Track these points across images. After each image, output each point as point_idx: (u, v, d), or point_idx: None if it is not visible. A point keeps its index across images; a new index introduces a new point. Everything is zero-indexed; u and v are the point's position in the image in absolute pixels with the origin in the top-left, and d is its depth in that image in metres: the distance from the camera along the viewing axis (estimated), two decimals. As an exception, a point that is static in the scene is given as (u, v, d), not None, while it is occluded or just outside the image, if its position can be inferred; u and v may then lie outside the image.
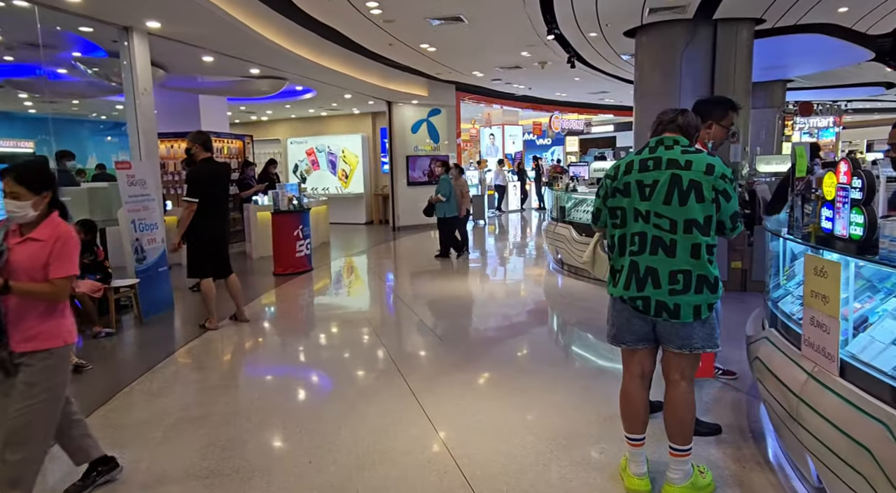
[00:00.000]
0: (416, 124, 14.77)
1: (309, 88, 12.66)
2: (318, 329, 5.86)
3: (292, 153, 17.19)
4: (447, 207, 9.75)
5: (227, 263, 5.76)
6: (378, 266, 9.67)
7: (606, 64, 12.66)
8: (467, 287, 7.82)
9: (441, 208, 9.75)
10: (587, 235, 7.66)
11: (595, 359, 4.74)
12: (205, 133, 5.56)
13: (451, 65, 12.20)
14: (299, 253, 8.83)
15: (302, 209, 9.00)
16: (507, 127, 21.66)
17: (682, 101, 8.97)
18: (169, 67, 9.14)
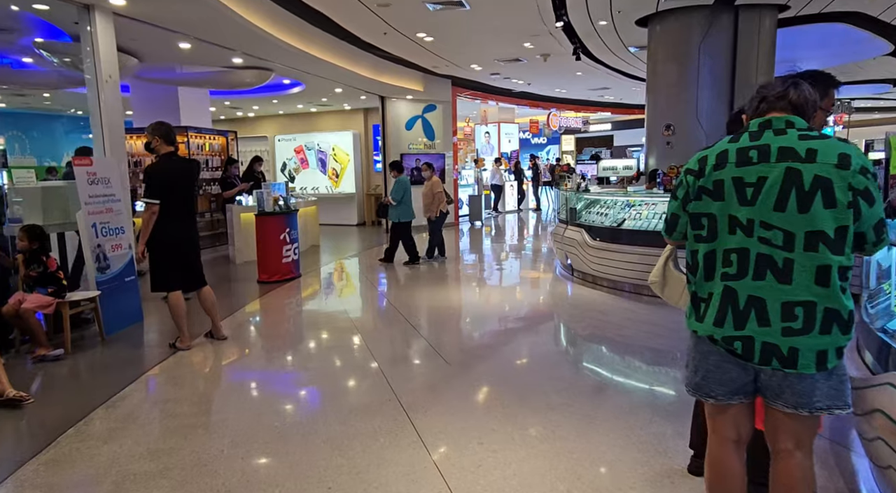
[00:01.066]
0: (411, 121, 14.05)
1: (297, 82, 11.90)
2: (306, 352, 5.14)
3: (280, 151, 16.42)
4: (400, 210, 9.14)
5: (198, 273, 5.02)
6: (371, 272, 8.95)
7: (612, 57, 12.01)
8: (469, 297, 7.12)
9: (394, 212, 9.15)
10: (603, 240, 6.99)
11: (632, 388, 4.06)
12: (165, 124, 4.81)
13: (448, 57, 11.50)
14: (286, 259, 8.09)
15: (289, 211, 8.26)
16: (504, 125, 21.00)
17: (701, 94, 8.34)
18: (142, 56, 8.37)
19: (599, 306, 6.21)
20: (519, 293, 7.25)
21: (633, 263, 6.54)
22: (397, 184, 9.22)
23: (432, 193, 9.38)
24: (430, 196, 9.41)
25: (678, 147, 8.67)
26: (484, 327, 5.64)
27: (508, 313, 6.11)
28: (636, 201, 7.05)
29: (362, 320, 6.02)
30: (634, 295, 6.60)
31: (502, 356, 4.70)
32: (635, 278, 6.58)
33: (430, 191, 9.42)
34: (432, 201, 9.39)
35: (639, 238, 6.55)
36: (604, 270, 6.97)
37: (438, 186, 9.37)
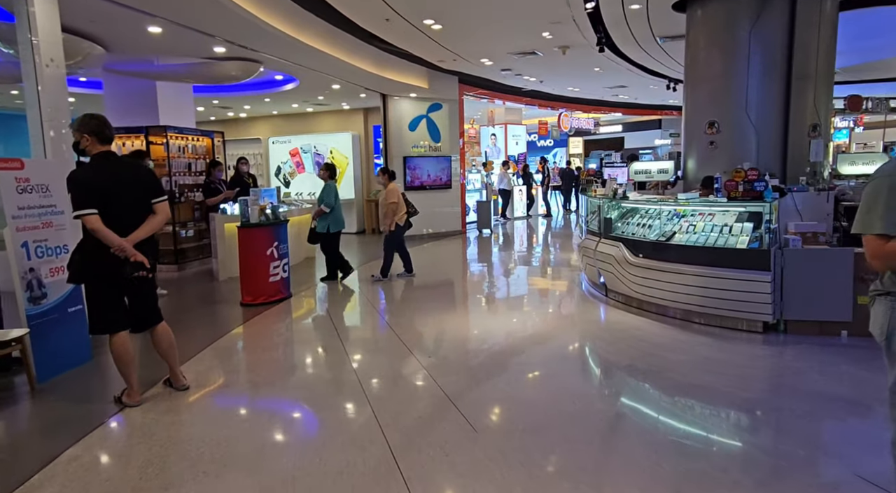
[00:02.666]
0: (415, 121, 12.97)
1: (291, 77, 10.83)
2: (287, 415, 4.02)
3: (274, 154, 15.35)
4: (331, 219, 8.07)
5: (148, 307, 3.91)
6: (372, 291, 7.85)
7: (636, 50, 10.94)
8: (486, 325, 6.01)
9: (323, 221, 8.07)
10: (647, 257, 5.89)
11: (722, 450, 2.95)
12: (97, 117, 3.71)
13: (456, 49, 10.42)
14: (273, 277, 6.99)
15: (277, 221, 7.16)
16: (511, 127, 19.92)
17: (751, 86, 7.23)
18: (108, 43, 7.29)
19: (644, 335, 5.10)
20: (544, 320, 6.14)
21: (686, 285, 5.44)
22: (327, 189, 8.08)
23: (387, 202, 8.17)
24: (385, 206, 8.22)
25: (724, 147, 7.57)
26: (511, 371, 4.52)
27: (536, 350, 5.00)
28: (687, 211, 5.95)
29: (363, 363, 4.91)
30: (683, 323, 5.49)
31: (534, 412, 3.59)
32: (688, 303, 5.48)
33: (385, 200, 8.22)
34: (387, 212, 8.16)
35: (694, 255, 5.45)
36: (648, 292, 5.87)
37: (395, 194, 8.14)
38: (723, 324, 5.30)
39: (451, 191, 13.53)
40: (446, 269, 9.88)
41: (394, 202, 8.08)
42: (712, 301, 5.27)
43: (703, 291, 5.31)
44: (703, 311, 5.38)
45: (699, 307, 5.41)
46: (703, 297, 5.33)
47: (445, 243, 12.42)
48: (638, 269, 5.93)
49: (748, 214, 5.50)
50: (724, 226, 5.45)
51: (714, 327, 5.32)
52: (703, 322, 5.42)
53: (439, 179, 13.27)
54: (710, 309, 5.32)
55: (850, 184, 8.08)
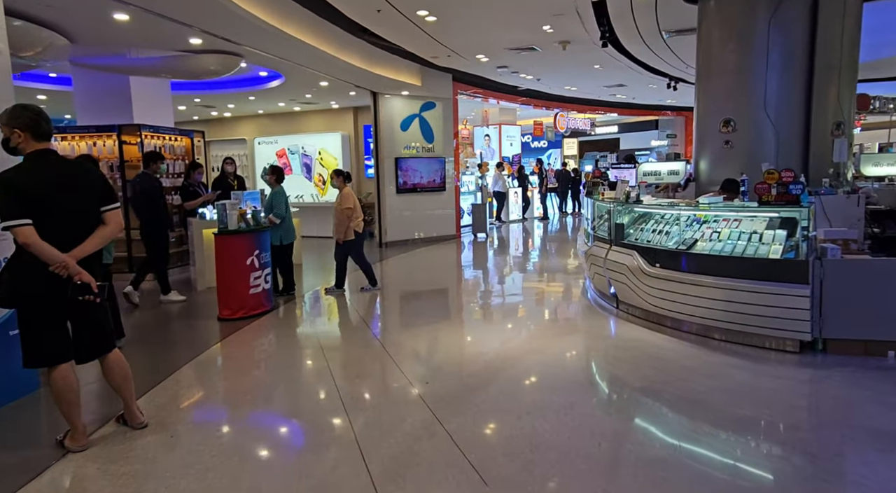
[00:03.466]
0: (407, 120, 12.40)
1: (276, 74, 10.23)
2: (261, 459, 3.44)
3: (261, 155, 14.73)
4: (283, 230, 7.34)
5: (97, 336, 3.31)
6: (363, 304, 7.27)
7: (639, 45, 10.43)
8: (490, 343, 5.44)
9: (275, 233, 7.22)
10: (665, 267, 5.35)
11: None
12: (30, 108, 3.11)
13: (451, 44, 9.87)
14: (254, 289, 6.39)
15: (259, 228, 6.56)
16: (505, 127, 19.40)
17: (770, 81, 6.73)
18: (72, 33, 6.67)
19: (673, 358, 4.55)
20: (551, 338, 5.57)
21: (709, 298, 4.90)
22: (277, 196, 7.29)
23: (342, 208, 7.32)
24: (340, 213, 7.36)
25: (739, 146, 7.06)
26: (519, 401, 3.95)
27: (545, 374, 4.43)
28: (708, 216, 5.42)
29: (352, 390, 4.32)
30: (706, 340, 4.95)
31: (565, 469, 3.02)
32: (712, 318, 4.94)
33: (340, 205, 7.35)
34: (342, 219, 7.33)
35: (719, 266, 4.91)
36: (666, 305, 5.33)
37: (351, 199, 7.35)
38: (752, 342, 4.76)
39: (445, 194, 12.97)
40: (441, 277, 9.32)
41: (349, 208, 7.30)
42: (740, 317, 4.74)
43: (730, 305, 4.78)
44: (730, 327, 4.84)
45: (725, 323, 4.87)
46: (730, 312, 4.79)
47: (439, 249, 11.85)
48: (655, 280, 5.39)
49: (780, 220, 4.97)
50: (753, 233, 4.91)
51: (742, 345, 4.78)
52: (728, 340, 4.88)
53: (433, 182, 12.70)
54: (738, 326, 4.78)
55: (874, 186, 7.61)
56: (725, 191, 5.95)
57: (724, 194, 6.21)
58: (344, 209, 7.34)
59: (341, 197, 7.41)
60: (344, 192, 7.44)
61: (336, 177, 7.59)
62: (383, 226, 12.21)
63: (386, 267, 9.98)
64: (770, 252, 4.72)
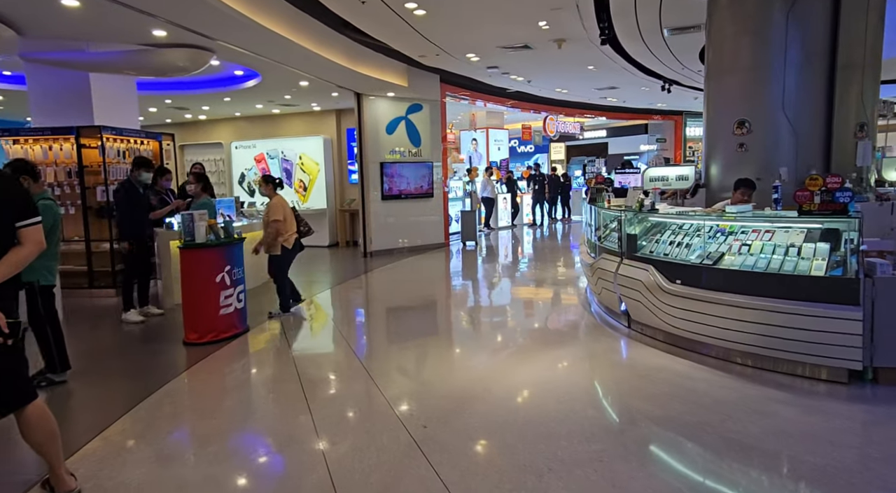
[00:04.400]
0: (393, 123, 11.76)
1: (252, 72, 9.54)
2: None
3: (238, 160, 13.99)
4: None
5: (10, 382, 2.62)
6: (348, 323, 6.62)
7: (638, 45, 9.94)
8: (488, 371, 4.81)
9: None
10: (688, 284, 4.77)
11: None
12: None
13: (441, 41, 9.27)
14: (225, 309, 5.69)
15: (231, 240, 5.87)
16: (492, 131, 18.85)
17: (788, 78, 6.22)
18: (20, 24, 5.95)
19: (706, 391, 3.96)
20: (557, 364, 4.96)
21: (743, 321, 4.32)
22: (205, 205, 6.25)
23: (270, 219, 6.39)
24: (268, 226, 6.43)
25: (755, 149, 6.55)
26: (528, 453, 3.32)
27: (556, 413, 3.81)
28: (734, 227, 4.85)
29: (333, 440, 3.66)
30: (737, 367, 4.38)
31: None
32: (745, 343, 4.37)
33: (268, 217, 6.44)
34: (270, 232, 6.40)
35: (752, 283, 4.34)
36: (689, 327, 4.75)
37: (280, 209, 6.38)
38: (792, 371, 4.20)
39: (433, 200, 12.35)
40: (430, 291, 8.67)
41: (278, 220, 6.35)
42: (778, 342, 4.17)
43: (766, 329, 4.21)
44: (765, 353, 4.28)
45: (759, 349, 4.30)
46: (766, 336, 4.23)
47: (427, 258, 11.21)
48: (675, 298, 4.81)
49: (821, 232, 4.42)
50: (790, 247, 4.35)
51: (781, 373, 4.21)
52: (763, 367, 4.31)
53: (420, 188, 12.07)
54: (775, 352, 4.22)
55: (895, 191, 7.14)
56: (739, 191, 5.43)
57: (741, 196, 5.68)
58: (272, 222, 6.34)
59: (269, 208, 6.44)
60: (273, 202, 6.48)
61: (264, 184, 6.62)
62: (368, 235, 11.54)
63: (372, 279, 9.32)
64: (812, 268, 4.16)
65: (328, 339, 5.92)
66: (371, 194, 11.48)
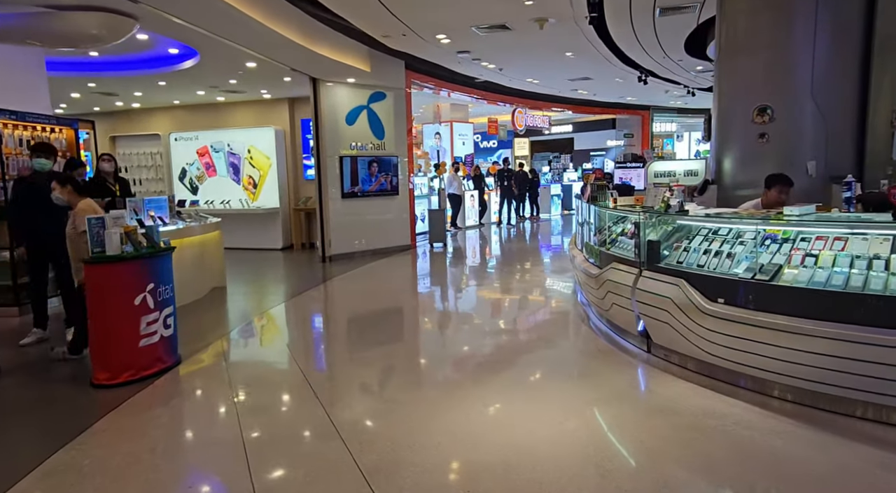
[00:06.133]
0: (353, 113, 10.58)
1: (189, 50, 8.21)
2: None
3: (178, 154, 12.53)
4: None
5: None
6: (307, 353, 5.47)
7: (625, 28, 9.08)
8: (493, 430, 3.79)
9: None
10: (733, 303, 3.84)
11: None
12: None
13: (409, 19, 8.15)
14: (148, 339, 4.47)
15: (154, 251, 4.63)
16: (457, 125, 17.83)
17: (818, 59, 5.39)
18: None
19: (782, 450, 3.03)
20: (571, 404, 3.97)
21: (817, 353, 3.41)
22: None
23: (79, 231, 4.61)
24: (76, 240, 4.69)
25: (777, 140, 5.72)
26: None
27: (574, 488, 2.81)
28: (789, 232, 3.94)
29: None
30: (811, 412, 3.48)
31: None
32: (824, 383, 3.46)
33: (75, 228, 4.73)
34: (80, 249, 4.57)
35: (829, 306, 3.43)
36: (737, 358, 3.83)
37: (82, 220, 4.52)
38: (887, 418, 3.30)
39: (398, 198, 11.23)
40: (400, 305, 7.58)
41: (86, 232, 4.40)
42: (867, 382, 3.27)
43: (849, 364, 3.31)
44: (847, 395, 3.38)
45: (839, 389, 3.40)
46: (849, 374, 3.32)
47: (393, 263, 10.11)
48: (717, 321, 3.87)
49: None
50: (874, 259, 3.46)
51: (871, 422, 3.31)
52: (846, 413, 3.41)
53: (384, 184, 10.94)
54: (862, 394, 3.32)
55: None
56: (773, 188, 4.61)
57: (778, 193, 4.82)
58: (81, 234, 4.54)
59: (74, 215, 4.75)
60: (79, 207, 4.73)
61: (60, 186, 4.80)
62: (327, 237, 10.33)
63: (332, 290, 8.15)
64: (909, 287, 3.27)
65: (283, 376, 4.75)
66: (329, 192, 10.28)
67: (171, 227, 6.83)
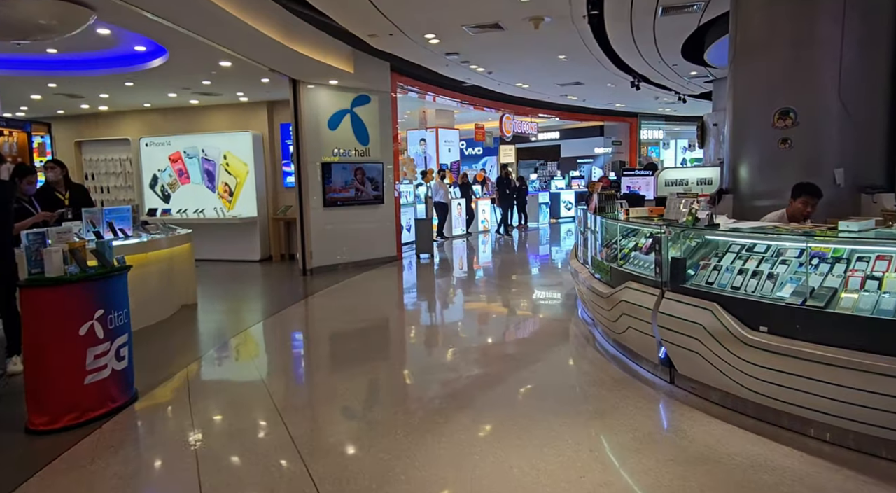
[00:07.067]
0: (336, 117, 9.98)
1: (157, 47, 7.56)
2: None
3: (149, 160, 11.83)
4: None
5: None
6: (283, 380, 4.86)
7: (622, 25, 8.62)
8: (472, 471, 3.22)
9: None
10: (781, 334, 3.32)
11: None
12: None
13: (397, 17, 7.61)
14: (96, 374, 3.82)
15: (106, 272, 3.99)
16: (442, 132, 17.31)
17: (847, 57, 4.95)
18: None
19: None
20: (583, 452, 3.42)
21: (886, 395, 2.89)
22: None
23: None
24: None
25: (801, 146, 5.25)
26: None
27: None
28: (842, 251, 3.44)
29: None
30: (881, 464, 2.96)
31: None
32: (890, 427, 2.95)
33: None
34: None
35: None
36: (788, 397, 3.30)
37: None
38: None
39: (383, 207, 10.64)
40: (389, 326, 6.98)
41: None
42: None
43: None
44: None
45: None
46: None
47: (379, 277, 9.51)
48: (762, 354, 3.35)
49: None
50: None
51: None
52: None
53: (368, 193, 10.34)
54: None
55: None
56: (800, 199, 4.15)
57: (803, 204, 4.36)
58: None
59: None
60: None
61: None
62: (307, 248, 9.69)
63: (315, 308, 7.53)
64: None
65: (255, 415, 4.12)
66: (311, 200, 9.66)
67: (133, 240, 6.18)
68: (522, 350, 5.47)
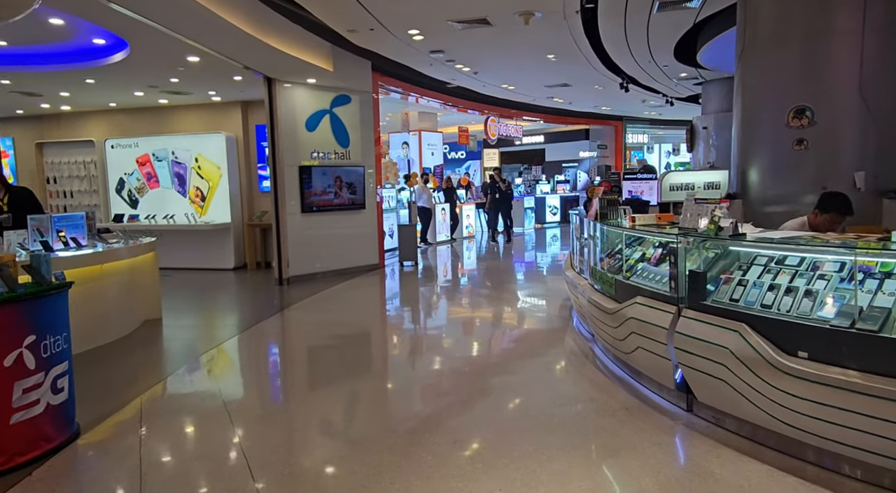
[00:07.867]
0: (314, 118, 9.44)
1: (118, 40, 6.97)
2: None
3: (115, 162, 11.17)
4: None
5: None
6: (252, 409, 4.32)
7: (616, 21, 8.22)
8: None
9: None
10: (822, 360, 2.87)
11: None
12: None
13: (378, 10, 7.11)
14: (25, 412, 3.25)
15: (40, 290, 3.42)
16: (425, 135, 16.84)
17: (868, 48, 4.56)
18: None
19: None
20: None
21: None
22: None
23: None
24: None
25: (818, 147, 4.86)
26: None
27: None
28: (892, 265, 3.01)
29: None
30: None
31: None
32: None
33: None
34: None
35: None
36: (836, 434, 2.86)
37: None
38: None
39: (365, 213, 10.12)
40: (366, 341, 6.46)
41: None
42: None
43: None
44: None
45: None
46: None
47: (360, 286, 8.97)
48: (803, 384, 2.90)
49: None
50: None
51: None
52: None
53: (348, 197, 9.81)
54: None
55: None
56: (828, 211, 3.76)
57: (831, 221, 3.96)
58: None
59: None
60: None
61: None
62: (284, 256, 9.12)
63: (292, 322, 6.97)
64: None
65: (217, 455, 3.56)
66: (288, 206, 9.09)
67: (87, 250, 5.58)
68: (518, 370, 4.98)
